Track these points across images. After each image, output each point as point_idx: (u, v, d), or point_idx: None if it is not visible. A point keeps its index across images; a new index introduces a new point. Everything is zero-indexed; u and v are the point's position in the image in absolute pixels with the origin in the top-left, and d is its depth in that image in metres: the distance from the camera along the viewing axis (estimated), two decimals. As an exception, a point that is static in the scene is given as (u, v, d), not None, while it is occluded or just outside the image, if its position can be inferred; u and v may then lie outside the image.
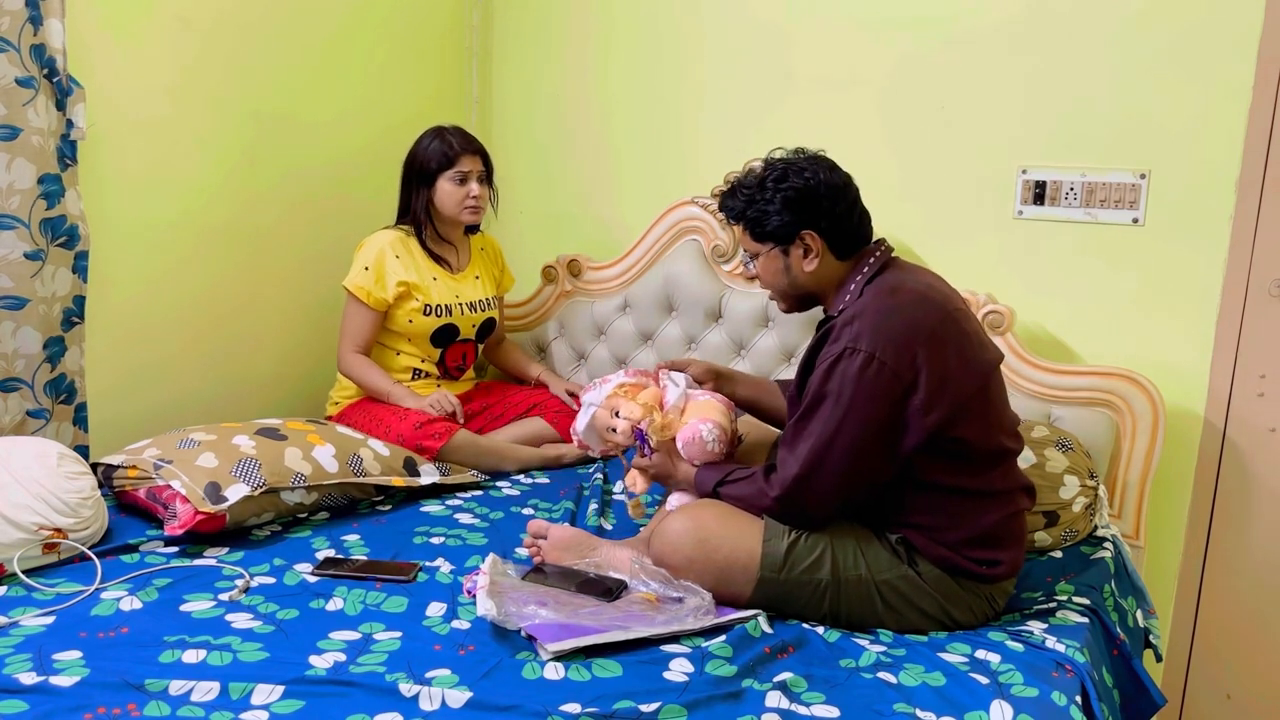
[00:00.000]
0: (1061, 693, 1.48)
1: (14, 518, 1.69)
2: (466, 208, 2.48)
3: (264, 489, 1.92)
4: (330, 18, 2.64)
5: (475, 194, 2.47)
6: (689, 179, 2.73)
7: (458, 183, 2.46)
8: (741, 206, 1.79)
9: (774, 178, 1.75)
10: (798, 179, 1.73)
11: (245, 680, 1.37)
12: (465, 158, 2.47)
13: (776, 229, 1.75)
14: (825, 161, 1.78)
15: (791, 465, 1.67)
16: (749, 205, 1.77)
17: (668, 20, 2.79)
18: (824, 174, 1.75)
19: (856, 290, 1.74)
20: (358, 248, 2.49)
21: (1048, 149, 2.38)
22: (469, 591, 1.70)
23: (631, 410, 1.91)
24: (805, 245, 1.75)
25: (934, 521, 1.68)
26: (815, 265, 1.76)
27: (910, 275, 1.76)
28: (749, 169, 1.83)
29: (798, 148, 1.81)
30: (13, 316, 2.00)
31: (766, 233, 1.77)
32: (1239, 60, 2.16)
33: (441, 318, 2.50)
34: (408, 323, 2.48)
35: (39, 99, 1.97)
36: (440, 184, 2.47)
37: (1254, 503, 2.29)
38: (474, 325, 2.58)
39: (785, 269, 1.79)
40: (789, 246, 1.76)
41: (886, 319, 1.65)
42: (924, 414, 1.62)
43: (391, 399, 2.42)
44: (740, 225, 1.81)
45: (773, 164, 1.79)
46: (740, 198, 1.79)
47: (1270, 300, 2.22)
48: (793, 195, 1.73)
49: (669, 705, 1.36)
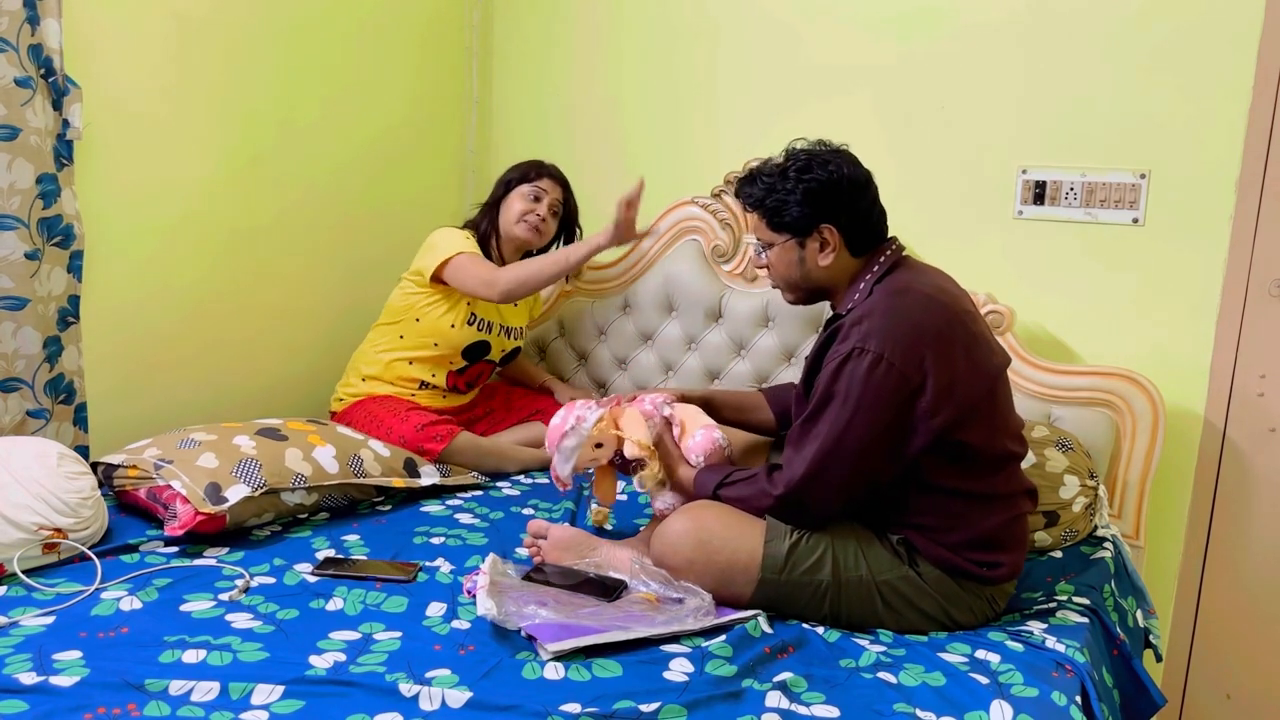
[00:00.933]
0: (1061, 693, 1.47)
1: (14, 518, 1.69)
2: (525, 221, 2.47)
3: (264, 489, 1.92)
4: (329, 17, 2.64)
5: (541, 214, 2.47)
6: (689, 179, 2.73)
7: (530, 198, 2.48)
8: (761, 194, 1.75)
9: (797, 168, 1.72)
10: (821, 171, 1.71)
11: (245, 680, 1.37)
12: (547, 180, 2.50)
13: (795, 220, 1.73)
14: (848, 156, 1.75)
15: (798, 465, 1.66)
16: (768, 194, 1.74)
17: (667, 20, 2.79)
18: (847, 168, 1.72)
19: (866, 289, 1.73)
20: (432, 238, 2.46)
21: (1048, 149, 2.38)
22: (469, 591, 1.70)
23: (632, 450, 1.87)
24: (822, 239, 1.73)
25: (936, 523, 1.68)
26: (831, 260, 1.74)
27: (920, 276, 1.74)
28: (767, 160, 1.79)
29: (820, 139, 1.78)
30: (13, 317, 2.00)
31: (784, 223, 1.74)
32: (1239, 60, 2.16)
33: (482, 332, 2.49)
34: (449, 327, 2.45)
35: (36, 99, 1.97)
36: (512, 195, 2.49)
37: (1254, 503, 2.29)
38: (503, 350, 2.58)
39: (800, 261, 1.77)
40: (805, 239, 1.74)
41: (895, 320, 1.64)
42: (930, 416, 1.61)
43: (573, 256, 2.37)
44: (757, 213, 1.78)
45: (795, 154, 1.75)
46: (760, 185, 1.75)
47: (1270, 300, 2.21)
48: (815, 187, 1.70)
49: (669, 705, 1.36)
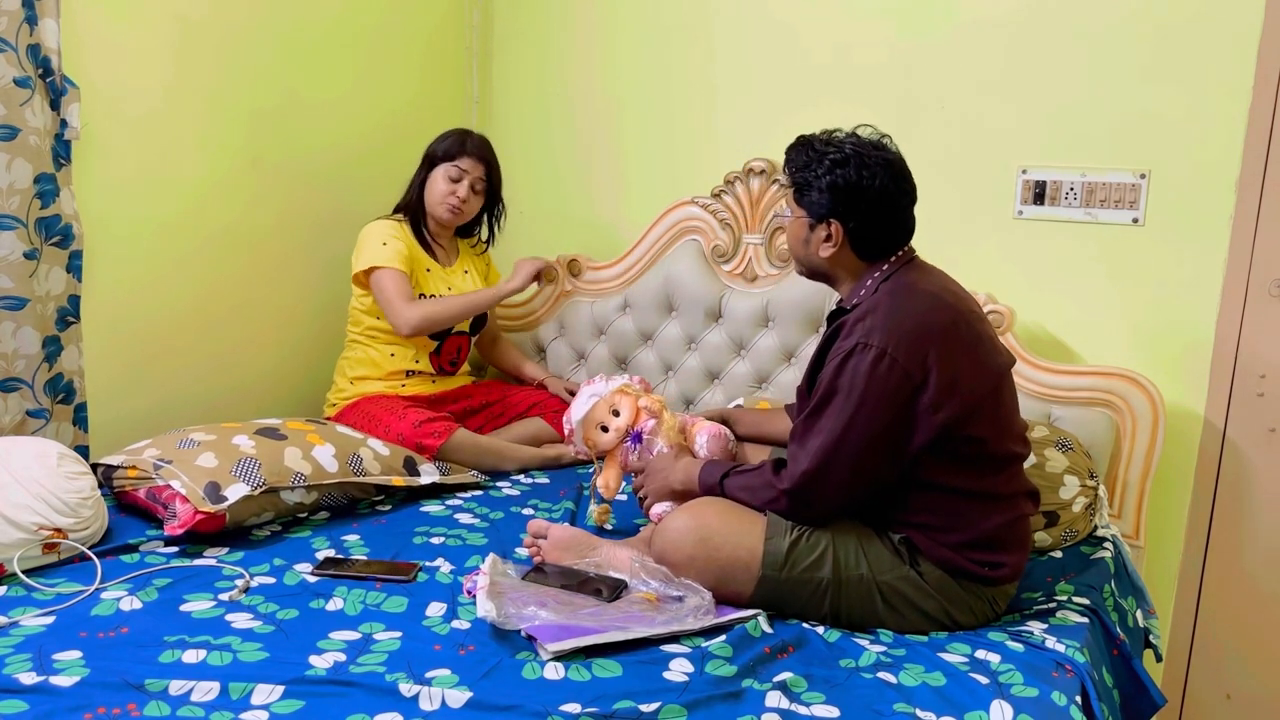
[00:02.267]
0: (1061, 693, 1.47)
1: (14, 518, 1.69)
2: (445, 204, 2.50)
3: (264, 489, 1.92)
4: (329, 18, 2.64)
5: (461, 195, 2.50)
6: (689, 179, 2.73)
7: (450, 179, 2.49)
8: (799, 165, 1.77)
9: (836, 158, 1.72)
10: (854, 173, 1.71)
11: (245, 680, 1.37)
12: (469, 159, 2.49)
13: (813, 204, 1.75)
14: (895, 168, 1.74)
15: (802, 460, 1.66)
16: (804, 168, 1.76)
17: (667, 19, 2.79)
18: (881, 180, 1.71)
19: (873, 286, 1.74)
20: (360, 239, 2.49)
21: (1048, 149, 2.37)
22: (469, 592, 1.70)
23: (651, 403, 1.99)
24: (829, 231, 1.75)
25: (937, 522, 1.68)
26: (831, 253, 1.76)
27: (926, 277, 1.75)
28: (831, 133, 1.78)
29: (884, 136, 1.77)
30: (13, 317, 2.00)
31: (803, 202, 1.77)
32: (1239, 60, 2.16)
33: None
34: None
35: (35, 99, 1.97)
36: (435, 173, 2.50)
37: (1254, 503, 2.29)
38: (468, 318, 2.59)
39: (805, 241, 1.79)
40: (816, 224, 1.76)
41: (899, 316, 1.65)
42: (933, 412, 1.62)
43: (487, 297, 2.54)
44: (790, 179, 1.81)
45: (841, 144, 1.74)
46: (803, 156, 1.77)
47: (1270, 300, 2.21)
48: (840, 184, 1.71)
49: (669, 705, 1.36)
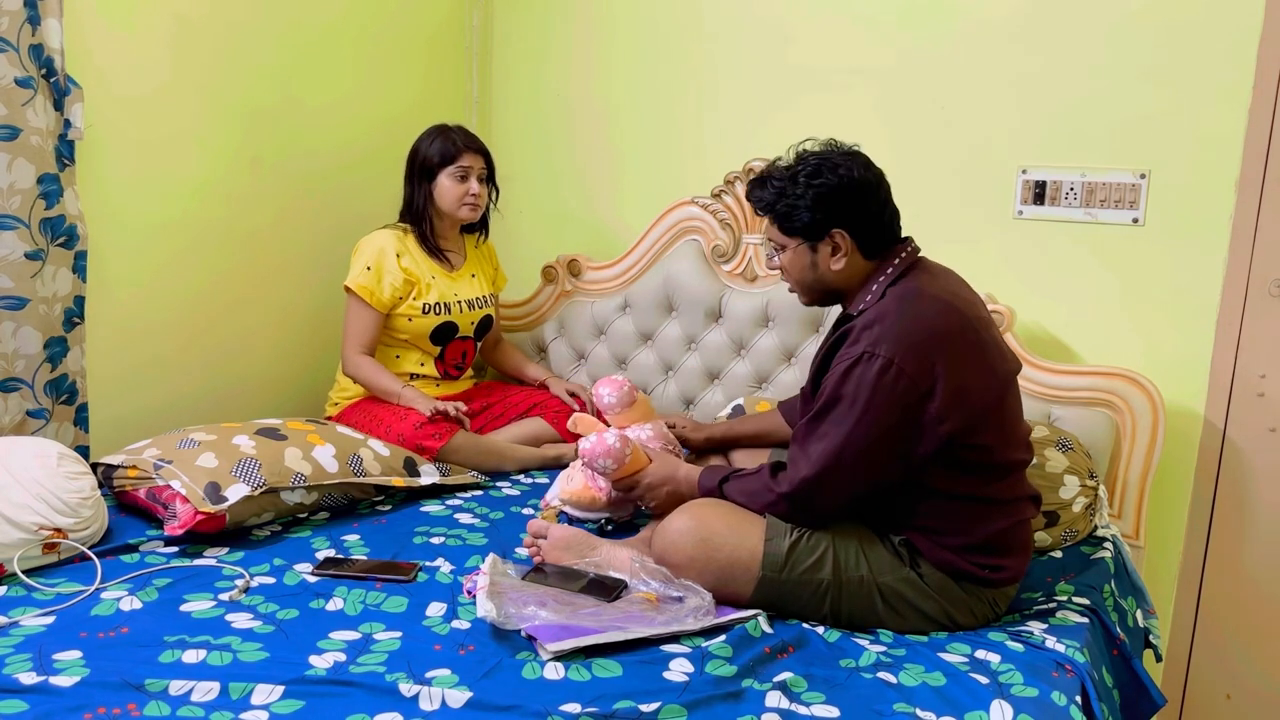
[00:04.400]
0: (1061, 693, 1.48)
1: (14, 518, 1.69)
2: (465, 204, 2.49)
3: (264, 489, 1.92)
4: (329, 19, 2.64)
5: (475, 191, 2.49)
6: (689, 179, 2.73)
7: (459, 179, 2.48)
8: (772, 199, 1.75)
9: (807, 173, 1.71)
10: (832, 176, 1.70)
11: (245, 680, 1.37)
12: (467, 155, 2.48)
13: (806, 225, 1.72)
14: (860, 158, 1.74)
15: (803, 465, 1.66)
16: (779, 198, 1.73)
17: (667, 20, 2.79)
18: (858, 171, 1.71)
19: (879, 291, 1.72)
20: (355, 249, 2.49)
21: (1048, 149, 2.38)
22: (469, 592, 1.70)
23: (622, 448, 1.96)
24: (834, 243, 1.72)
25: (939, 526, 1.68)
26: (843, 264, 1.73)
27: (934, 280, 1.73)
28: (776, 160, 1.78)
29: (830, 140, 1.77)
30: (13, 317, 2.00)
31: (795, 228, 1.74)
32: (1239, 60, 2.16)
33: (440, 315, 2.51)
34: (407, 321, 2.48)
35: (37, 99, 1.97)
36: (441, 179, 2.48)
37: (1254, 503, 2.29)
38: (472, 323, 2.58)
39: (812, 265, 1.76)
40: (817, 243, 1.73)
41: (907, 325, 1.63)
42: (939, 423, 1.61)
43: (402, 401, 2.40)
44: (769, 217, 1.78)
45: (805, 157, 1.74)
46: (771, 189, 1.74)
47: (1270, 300, 2.21)
48: (825, 192, 1.69)
49: (669, 705, 1.36)
